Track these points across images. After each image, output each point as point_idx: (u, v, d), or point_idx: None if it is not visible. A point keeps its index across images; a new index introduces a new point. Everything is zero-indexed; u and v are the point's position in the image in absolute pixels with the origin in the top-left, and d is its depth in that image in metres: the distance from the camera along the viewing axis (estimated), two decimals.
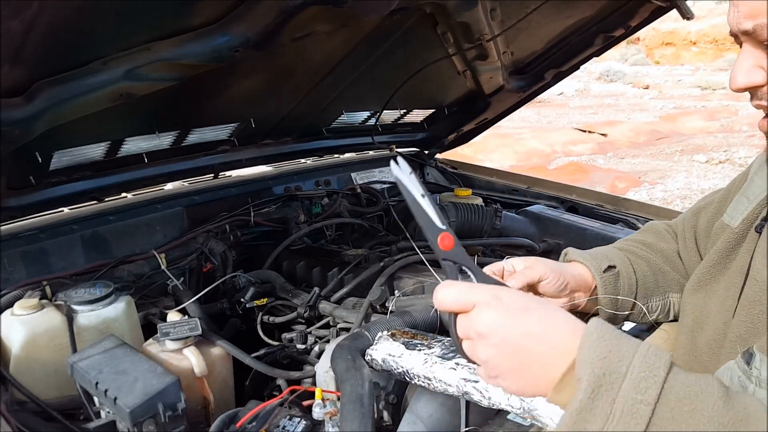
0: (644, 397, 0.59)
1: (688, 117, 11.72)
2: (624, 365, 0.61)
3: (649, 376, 0.60)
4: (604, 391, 0.60)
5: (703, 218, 1.11)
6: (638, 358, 0.61)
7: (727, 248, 0.96)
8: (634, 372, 0.60)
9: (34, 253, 1.50)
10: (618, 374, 0.60)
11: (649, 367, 0.60)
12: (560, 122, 11.69)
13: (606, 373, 0.60)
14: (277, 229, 1.91)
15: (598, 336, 0.63)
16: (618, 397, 0.59)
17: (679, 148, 9.16)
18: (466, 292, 0.70)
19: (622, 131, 10.33)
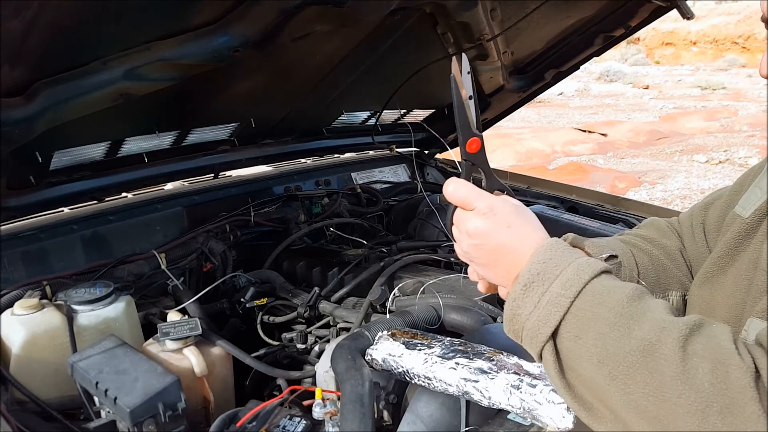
0: (566, 292, 0.72)
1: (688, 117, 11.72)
2: (558, 270, 0.74)
3: (575, 278, 0.72)
4: (536, 286, 0.73)
5: (713, 212, 1.10)
6: (572, 266, 0.74)
7: (737, 239, 0.95)
8: (565, 275, 0.73)
9: (34, 253, 1.50)
10: (551, 275, 0.73)
11: (579, 272, 0.73)
12: (560, 122, 11.69)
13: (540, 272, 0.74)
14: (277, 229, 1.91)
15: (547, 247, 0.77)
16: (546, 291, 0.73)
17: (679, 148, 9.16)
18: (471, 195, 0.82)
19: (622, 131, 10.34)
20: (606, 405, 0.70)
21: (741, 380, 0.62)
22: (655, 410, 0.65)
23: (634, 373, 0.67)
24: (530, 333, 0.74)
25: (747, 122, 10.78)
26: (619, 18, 1.95)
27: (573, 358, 0.72)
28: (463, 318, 1.28)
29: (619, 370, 0.68)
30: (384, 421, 1.13)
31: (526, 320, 0.75)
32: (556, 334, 0.73)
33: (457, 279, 1.54)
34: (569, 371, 0.73)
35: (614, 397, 0.68)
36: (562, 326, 0.72)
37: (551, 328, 0.72)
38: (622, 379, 0.67)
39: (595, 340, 0.70)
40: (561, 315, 0.72)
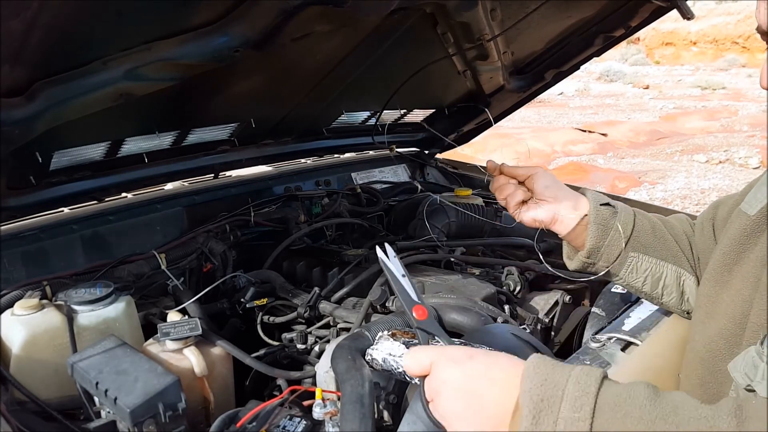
0: (581, 414, 0.65)
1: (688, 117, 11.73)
2: (560, 389, 0.67)
3: (582, 395, 0.66)
4: (545, 415, 0.65)
5: (723, 209, 1.10)
6: (572, 380, 0.67)
7: (742, 236, 0.95)
8: (569, 393, 0.66)
9: (34, 253, 1.50)
10: (555, 398, 0.66)
11: (582, 387, 0.66)
12: (560, 122, 11.69)
13: (544, 398, 0.66)
14: (277, 229, 1.91)
15: (534, 367, 0.69)
16: (558, 418, 0.65)
17: (679, 148, 9.16)
18: (422, 355, 0.76)
19: (622, 131, 10.33)
20: None
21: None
22: None
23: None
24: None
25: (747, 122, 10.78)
26: (620, 18, 1.95)
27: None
28: (464, 318, 1.28)
29: None
30: (384, 422, 1.13)
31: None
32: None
33: (457, 279, 1.54)
34: None
35: None
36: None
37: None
38: None
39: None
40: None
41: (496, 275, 1.67)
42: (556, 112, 12.75)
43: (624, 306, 1.40)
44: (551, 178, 1.16)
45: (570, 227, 1.14)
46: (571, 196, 1.15)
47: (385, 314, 1.38)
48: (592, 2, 1.86)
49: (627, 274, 1.14)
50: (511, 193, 1.16)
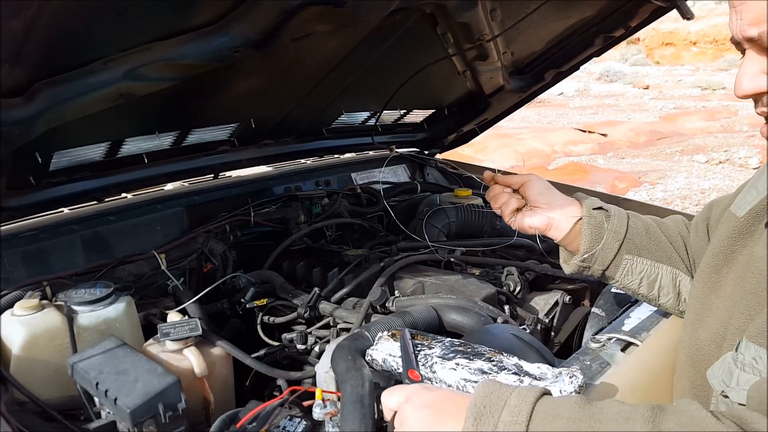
0: (518, 418, 0.74)
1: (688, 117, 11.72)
2: (502, 401, 0.77)
3: (521, 403, 0.75)
4: (486, 419, 0.76)
5: (717, 209, 1.10)
6: (514, 394, 0.77)
7: (730, 237, 0.95)
8: (511, 403, 0.76)
9: (34, 254, 1.50)
10: (497, 407, 0.76)
11: (522, 398, 0.76)
12: (560, 122, 11.69)
13: (486, 406, 0.76)
14: (277, 229, 1.91)
15: (483, 385, 0.80)
16: (498, 422, 0.75)
17: (679, 148, 9.16)
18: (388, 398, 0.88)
19: (622, 131, 10.33)
20: None
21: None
22: None
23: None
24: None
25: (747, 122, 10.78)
26: (619, 18, 1.95)
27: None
28: (463, 318, 1.28)
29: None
30: (384, 422, 1.12)
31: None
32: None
33: (457, 279, 1.54)
34: None
35: None
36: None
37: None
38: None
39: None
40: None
41: (496, 275, 1.67)
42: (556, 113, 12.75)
43: (624, 306, 1.40)
44: (544, 185, 1.18)
45: (564, 232, 1.16)
46: (565, 202, 1.16)
47: (385, 314, 1.38)
48: (592, 2, 1.86)
49: (623, 276, 1.15)
50: (505, 201, 1.19)
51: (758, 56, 0.76)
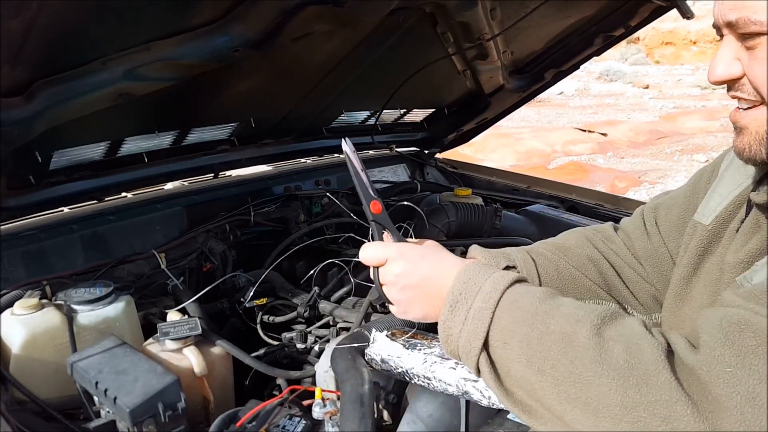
0: (487, 305, 0.79)
1: (688, 116, 11.71)
2: (477, 286, 0.81)
3: (492, 291, 0.79)
4: (460, 305, 0.80)
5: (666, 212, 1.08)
6: (489, 281, 0.81)
7: (701, 247, 0.95)
8: (484, 290, 0.80)
9: (34, 253, 1.50)
10: (471, 293, 0.80)
11: (495, 285, 0.80)
12: (560, 122, 11.69)
13: (462, 293, 0.81)
14: (277, 228, 1.91)
15: (465, 269, 0.84)
16: (471, 308, 0.79)
17: (679, 147, 9.16)
18: (379, 250, 0.89)
19: (622, 131, 10.33)
20: (542, 404, 0.73)
21: (652, 353, 0.66)
22: (583, 395, 0.69)
23: (558, 364, 0.71)
24: (464, 349, 0.80)
25: None
26: (619, 18, 1.95)
27: (506, 364, 0.76)
28: None
29: (546, 365, 0.72)
30: (384, 421, 1.13)
31: (458, 338, 0.80)
32: (488, 345, 0.78)
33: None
34: (506, 378, 0.77)
35: (547, 392, 0.72)
36: (489, 336, 0.77)
37: (481, 340, 0.77)
38: (550, 373, 0.71)
39: (519, 342, 0.75)
40: (486, 326, 0.77)
41: None
42: (556, 112, 12.74)
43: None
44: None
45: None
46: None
47: (385, 314, 1.38)
48: (592, 2, 1.86)
49: None
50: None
51: (735, 42, 0.77)
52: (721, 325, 0.66)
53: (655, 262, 1.09)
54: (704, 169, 1.09)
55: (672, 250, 1.07)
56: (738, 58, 0.77)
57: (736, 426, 0.61)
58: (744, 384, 0.61)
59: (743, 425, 0.60)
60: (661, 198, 1.14)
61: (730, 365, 0.63)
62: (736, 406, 0.61)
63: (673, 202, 1.09)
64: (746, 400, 0.61)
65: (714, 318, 0.68)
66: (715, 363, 0.63)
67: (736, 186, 0.94)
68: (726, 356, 0.63)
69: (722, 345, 0.64)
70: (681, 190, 1.10)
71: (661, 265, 1.08)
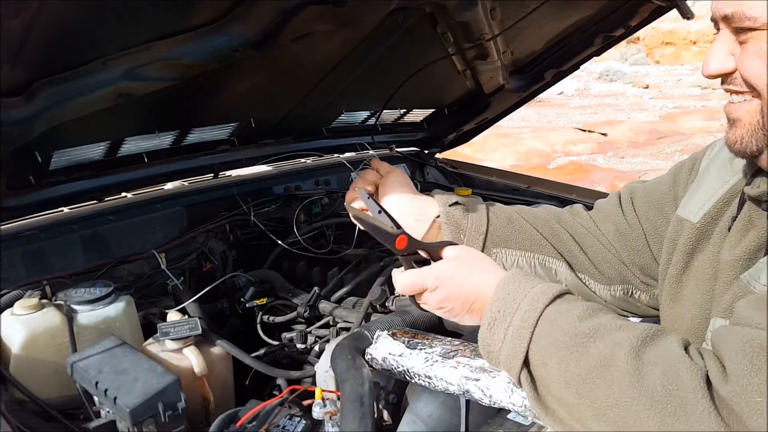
0: (526, 324, 0.78)
1: (688, 116, 11.72)
2: (516, 303, 0.80)
3: (531, 309, 0.79)
4: (499, 323, 0.80)
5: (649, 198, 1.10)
6: (528, 297, 0.80)
7: (689, 245, 0.95)
8: (523, 308, 0.79)
9: (33, 253, 1.50)
10: (511, 310, 0.80)
11: (534, 303, 0.79)
12: (560, 122, 11.69)
13: (501, 309, 0.81)
14: (277, 229, 1.91)
15: (504, 283, 0.83)
16: (510, 326, 0.79)
17: (679, 147, 9.16)
18: (415, 279, 0.89)
19: (622, 131, 10.33)
20: (582, 423, 0.74)
21: (691, 381, 0.66)
22: (621, 420, 0.69)
23: (595, 387, 0.71)
24: (505, 365, 0.80)
25: None
26: (619, 18, 1.95)
27: (545, 383, 0.77)
28: None
29: (584, 388, 0.72)
30: (384, 421, 1.13)
31: (498, 355, 0.81)
32: (528, 363, 0.78)
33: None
34: (545, 395, 0.78)
35: (584, 413, 0.73)
36: (529, 356, 0.78)
37: (520, 360, 0.78)
38: (588, 395, 0.72)
39: (558, 363, 0.75)
40: (526, 346, 0.78)
41: None
42: (556, 112, 12.74)
43: None
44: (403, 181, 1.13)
45: (422, 234, 1.11)
46: (418, 203, 1.12)
47: (385, 314, 1.38)
48: (592, 2, 1.86)
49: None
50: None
51: (729, 37, 0.78)
52: (745, 350, 0.66)
53: (627, 236, 1.10)
54: (683, 162, 1.10)
55: (648, 231, 1.09)
56: (731, 53, 0.78)
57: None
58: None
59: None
60: (636, 183, 1.16)
61: (761, 394, 0.63)
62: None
63: (651, 186, 1.11)
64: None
65: (736, 342, 0.67)
66: (745, 394, 0.63)
67: (722, 183, 0.94)
68: (755, 385, 0.63)
69: (749, 374, 0.64)
70: (660, 179, 1.12)
71: (633, 240, 1.10)
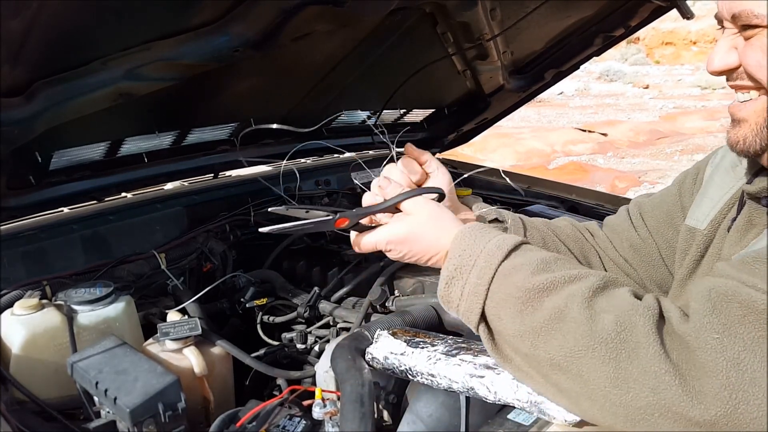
0: (482, 280, 0.80)
1: (688, 117, 11.71)
2: (472, 259, 0.81)
3: (487, 265, 0.80)
4: (455, 281, 0.82)
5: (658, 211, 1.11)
6: (484, 252, 0.81)
7: (699, 252, 0.97)
8: (479, 264, 0.81)
9: (34, 253, 1.50)
10: (467, 266, 0.81)
11: (490, 257, 0.80)
12: (560, 122, 11.69)
13: (457, 267, 0.82)
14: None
15: (460, 238, 0.84)
16: (466, 283, 0.81)
17: (679, 147, 9.16)
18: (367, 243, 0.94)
19: (622, 131, 10.33)
20: (538, 371, 0.76)
21: (643, 326, 0.68)
22: (575, 367, 0.71)
23: (551, 339, 0.73)
24: (464, 318, 0.83)
25: None
26: (619, 18, 1.95)
27: (501, 335, 0.80)
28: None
29: (539, 340, 0.74)
30: (384, 422, 1.13)
31: (457, 309, 0.84)
32: (485, 316, 0.81)
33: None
34: (502, 345, 0.81)
35: (541, 363, 0.75)
36: (486, 310, 0.80)
37: (477, 315, 0.80)
38: (543, 347, 0.74)
39: (513, 317, 0.77)
40: (482, 302, 0.80)
41: None
42: (556, 112, 12.74)
43: None
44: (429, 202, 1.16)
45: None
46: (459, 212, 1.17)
47: (385, 314, 1.38)
48: (592, 2, 1.86)
49: None
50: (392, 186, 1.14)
51: (732, 34, 0.80)
52: (710, 295, 0.68)
53: (641, 252, 1.12)
54: (687, 171, 1.11)
55: (660, 245, 1.10)
56: (735, 47, 0.80)
57: (720, 390, 0.63)
58: (729, 350, 0.63)
59: (728, 389, 0.63)
60: (643, 197, 1.18)
61: (717, 332, 0.65)
62: (722, 371, 0.63)
63: (658, 200, 1.12)
64: (731, 365, 0.63)
65: (704, 288, 0.70)
66: (702, 330, 0.66)
67: (726, 190, 0.95)
68: (713, 324, 0.66)
69: (710, 314, 0.66)
70: (665, 190, 1.13)
71: (647, 255, 1.12)
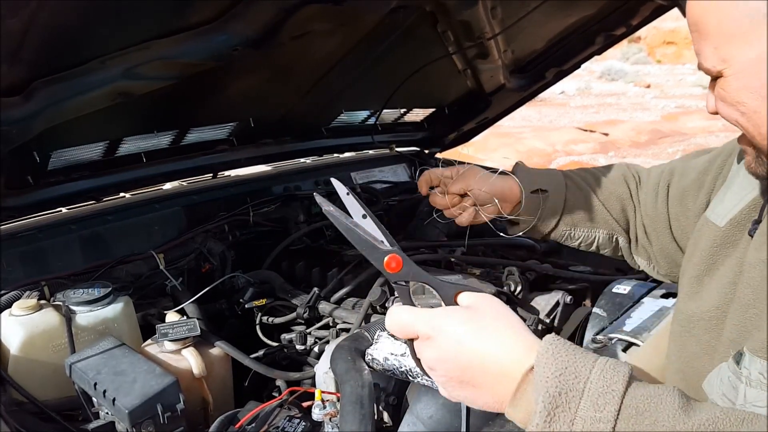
0: (603, 414, 0.57)
1: (689, 116, 11.70)
2: (581, 381, 0.59)
3: (607, 392, 0.58)
4: (561, 411, 0.58)
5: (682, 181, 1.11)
6: (595, 373, 0.59)
7: (713, 247, 0.94)
8: (592, 388, 0.58)
9: (32, 254, 1.50)
10: (575, 392, 0.58)
11: (607, 382, 0.58)
12: (561, 121, 11.69)
13: (562, 392, 0.58)
14: (276, 229, 1.90)
15: (553, 352, 0.61)
16: (576, 417, 0.58)
17: (681, 147, 9.16)
18: (406, 325, 0.70)
19: (623, 130, 10.32)
20: None
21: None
22: None
23: None
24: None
25: None
26: (620, 16, 1.94)
27: None
28: None
29: None
30: (384, 423, 1.12)
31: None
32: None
33: (457, 279, 1.54)
34: None
35: None
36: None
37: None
38: None
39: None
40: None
41: (497, 275, 1.67)
42: (557, 111, 12.74)
43: (625, 307, 1.39)
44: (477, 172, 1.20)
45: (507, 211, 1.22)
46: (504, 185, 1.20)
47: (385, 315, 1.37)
48: (593, 1, 1.86)
49: (563, 240, 1.24)
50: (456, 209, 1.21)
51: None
52: None
53: (653, 220, 1.15)
54: (719, 151, 1.10)
55: (672, 214, 1.12)
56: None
57: None
58: None
59: None
60: (678, 163, 1.18)
61: None
62: None
63: (688, 169, 1.13)
64: None
65: None
66: None
67: (750, 189, 0.93)
68: None
69: None
70: (699, 161, 1.12)
71: (656, 222, 1.14)
